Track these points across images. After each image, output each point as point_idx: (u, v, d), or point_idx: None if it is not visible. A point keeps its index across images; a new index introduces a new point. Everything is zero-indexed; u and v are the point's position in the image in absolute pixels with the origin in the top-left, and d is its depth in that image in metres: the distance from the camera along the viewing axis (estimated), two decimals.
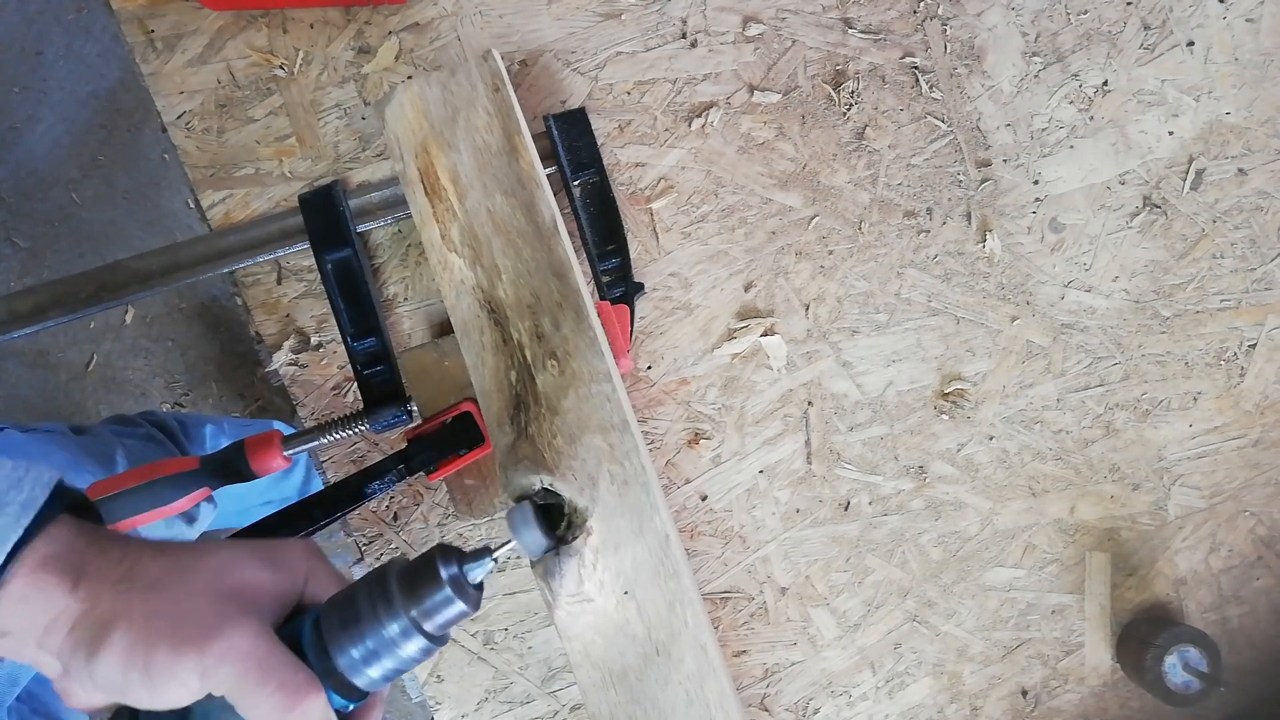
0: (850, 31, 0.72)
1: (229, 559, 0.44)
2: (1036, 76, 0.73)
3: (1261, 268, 0.74)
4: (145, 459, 0.97)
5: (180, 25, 0.68)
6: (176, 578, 0.42)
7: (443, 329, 0.69)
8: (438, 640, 0.45)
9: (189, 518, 0.94)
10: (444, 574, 0.45)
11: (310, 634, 0.43)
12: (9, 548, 0.39)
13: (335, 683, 0.42)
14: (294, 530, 0.60)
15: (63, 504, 0.43)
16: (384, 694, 0.48)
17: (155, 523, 0.61)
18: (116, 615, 0.40)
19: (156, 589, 0.41)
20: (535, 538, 0.53)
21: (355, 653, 0.43)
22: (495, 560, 0.48)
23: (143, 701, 0.39)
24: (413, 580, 0.45)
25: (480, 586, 0.48)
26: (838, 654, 0.71)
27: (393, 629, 0.43)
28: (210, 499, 1.01)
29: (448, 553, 0.46)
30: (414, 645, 0.44)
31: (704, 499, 0.71)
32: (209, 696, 0.40)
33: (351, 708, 0.44)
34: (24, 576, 0.40)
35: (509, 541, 0.52)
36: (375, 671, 0.43)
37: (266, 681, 0.39)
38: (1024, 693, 0.73)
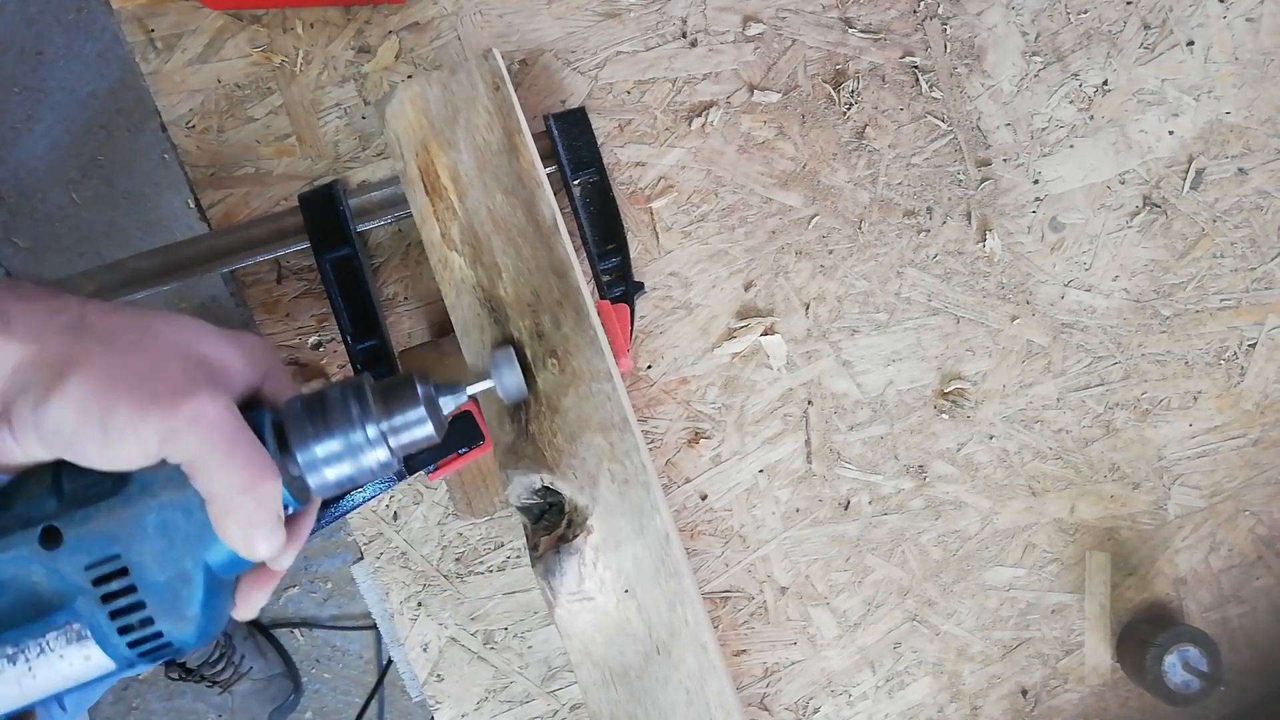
0: (850, 31, 0.72)
1: (195, 329, 0.41)
2: (1036, 76, 0.73)
3: (1262, 267, 0.74)
4: None
5: (180, 25, 0.68)
6: (139, 335, 0.39)
7: (443, 328, 0.69)
8: (396, 459, 0.44)
9: None
10: (420, 392, 0.45)
11: (269, 430, 0.41)
12: None
13: (287, 480, 0.41)
14: None
15: None
16: (316, 506, 0.46)
17: None
18: (73, 361, 0.36)
19: (116, 341, 0.38)
20: (515, 379, 0.52)
21: (319, 450, 0.42)
22: (467, 394, 0.48)
23: (89, 458, 0.37)
24: (388, 393, 0.45)
25: (448, 422, 0.47)
26: (838, 653, 0.71)
27: (360, 435, 0.42)
28: None
29: (424, 378, 0.46)
30: (376, 455, 0.43)
31: (704, 498, 0.71)
32: (160, 464, 0.38)
33: (292, 510, 0.43)
34: None
35: (486, 379, 0.51)
36: (331, 474, 0.42)
37: (232, 455, 0.38)
38: (1024, 692, 0.73)
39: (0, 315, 0.36)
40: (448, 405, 0.48)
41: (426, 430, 0.45)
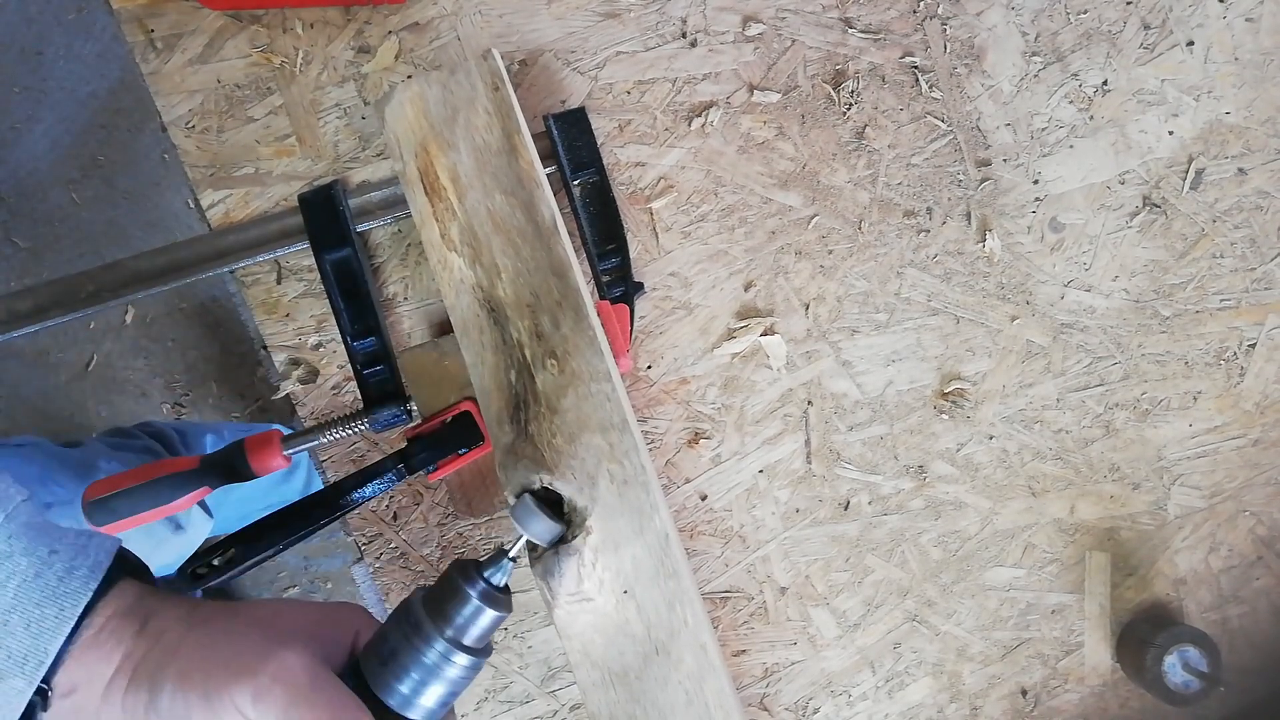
0: (850, 31, 0.72)
1: (283, 603, 0.46)
2: (1036, 76, 0.73)
3: (1261, 267, 0.74)
4: None
5: (180, 25, 0.68)
6: (231, 613, 0.44)
7: (442, 328, 0.69)
8: (481, 653, 0.45)
9: (175, 524, 0.93)
10: (467, 587, 0.46)
11: (351, 682, 0.43)
12: (84, 603, 0.41)
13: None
14: (293, 530, 0.60)
15: (124, 568, 0.45)
16: None
17: (134, 529, 0.61)
18: (175, 650, 0.41)
19: (210, 623, 0.43)
20: (544, 526, 0.54)
21: (403, 688, 0.43)
22: (513, 559, 0.49)
23: None
24: (438, 601, 0.46)
25: (506, 588, 0.48)
26: (837, 654, 0.71)
27: (432, 654, 0.44)
28: (206, 510, 1.00)
29: (465, 567, 0.47)
30: (458, 664, 0.44)
31: (704, 498, 0.71)
32: None
33: None
34: (97, 627, 0.42)
35: (520, 537, 0.52)
36: (428, 700, 0.44)
37: (316, 705, 0.40)
38: (1024, 692, 0.73)
39: (145, 614, 0.43)
40: (499, 578, 0.49)
41: (490, 616, 0.46)
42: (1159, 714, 0.73)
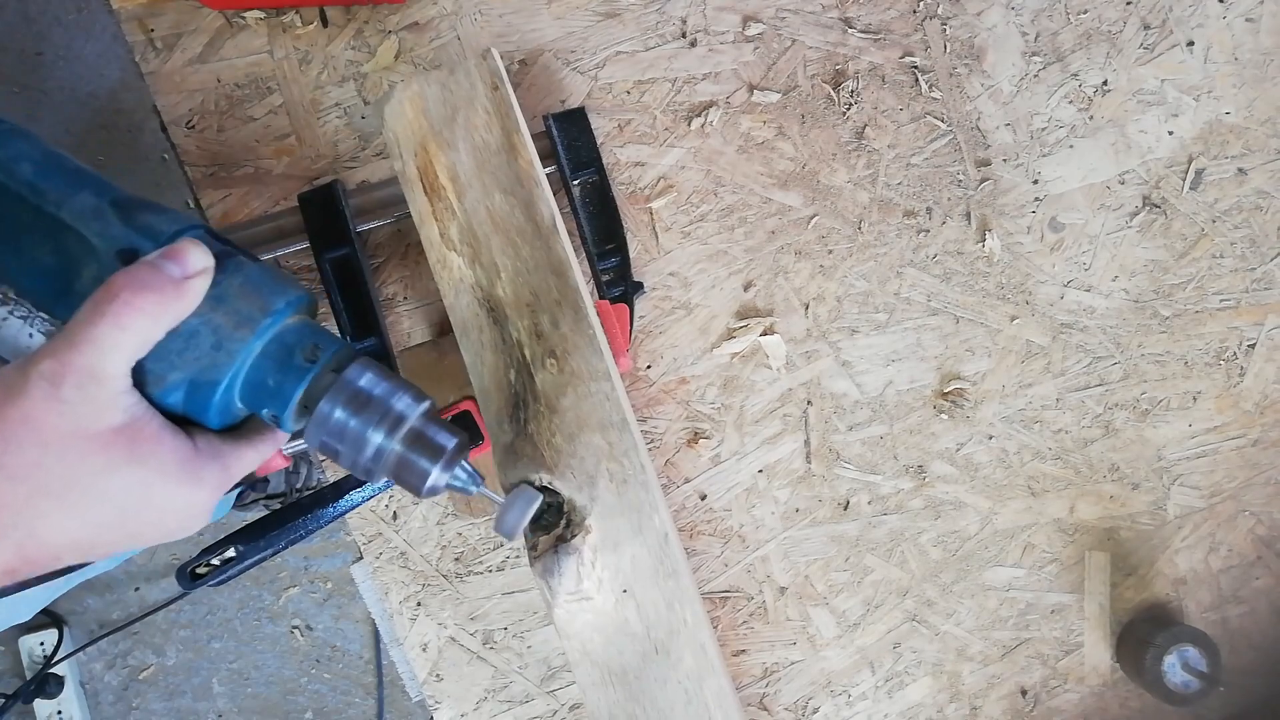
0: (850, 31, 0.72)
1: None
2: (1036, 76, 0.73)
3: (1261, 267, 0.74)
4: None
5: (180, 25, 0.68)
6: None
7: (442, 328, 0.69)
8: (379, 475, 0.44)
9: None
10: (450, 446, 0.45)
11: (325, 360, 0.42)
12: None
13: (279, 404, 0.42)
14: (293, 530, 0.60)
15: None
16: (277, 439, 0.46)
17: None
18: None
19: None
20: (518, 521, 0.52)
21: (338, 415, 0.42)
22: (480, 490, 0.48)
23: None
24: (429, 429, 0.45)
25: (437, 489, 0.47)
26: (837, 653, 0.71)
27: (379, 437, 0.43)
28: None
29: (464, 445, 0.46)
30: (367, 453, 0.43)
31: (703, 498, 0.71)
32: None
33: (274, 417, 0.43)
34: None
35: (499, 497, 0.51)
36: (324, 437, 0.43)
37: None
38: (1023, 692, 0.73)
39: None
40: (459, 479, 0.48)
41: (424, 484, 0.45)
42: (1159, 714, 0.73)
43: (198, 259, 0.39)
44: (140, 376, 0.40)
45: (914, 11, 0.72)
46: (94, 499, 0.38)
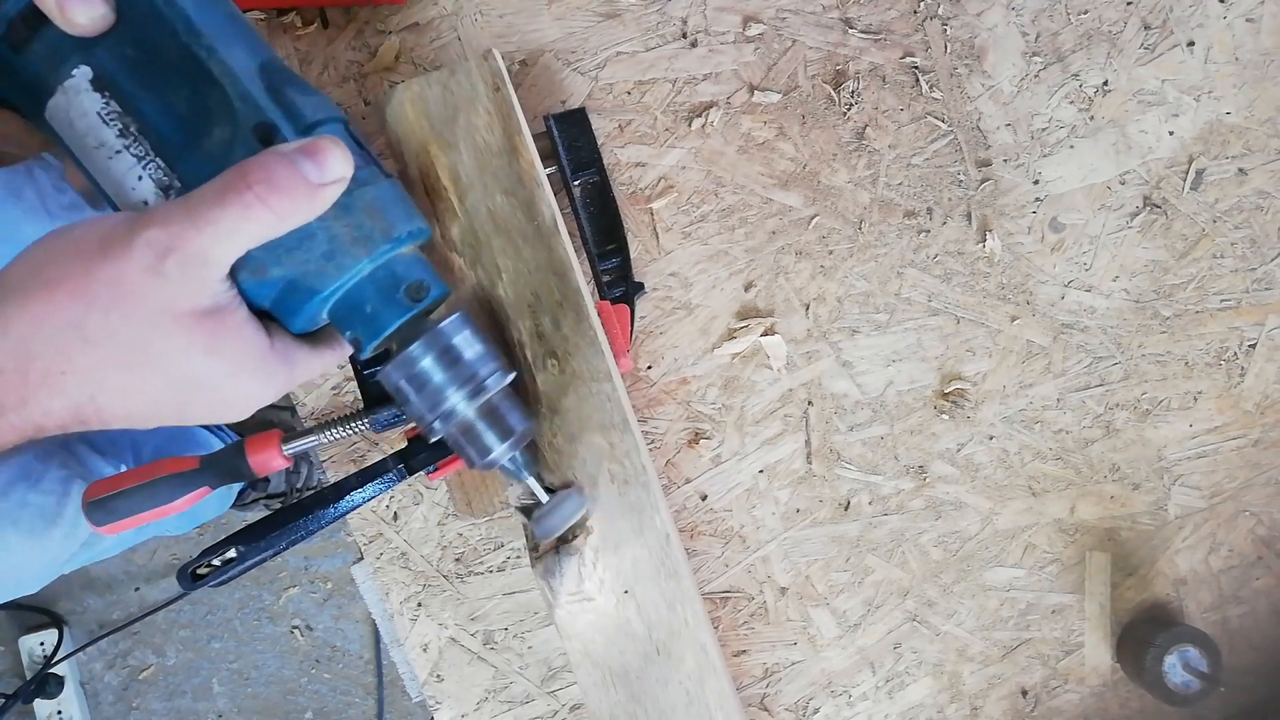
0: (850, 31, 0.72)
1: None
2: (1037, 76, 0.73)
3: (1262, 267, 0.74)
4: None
5: None
6: None
7: None
8: (445, 431, 0.44)
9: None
10: (521, 429, 0.46)
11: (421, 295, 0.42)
12: None
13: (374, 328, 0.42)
14: (294, 530, 0.60)
15: None
16: (341, 350, 0.46)
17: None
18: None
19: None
20: (562, 523, 0.53)
21: (425, 364, 0.42)
22: (525, 475, 0.49)
23: None
24: (510, 404, 0.46)
25: (491, 465, 0.47)
26: (837, 654, 0.71)
27: (458, 395, 0.43)
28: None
29: (530, 428, 0.47)
30: (441, 410, 0.44)
31: (704, 499, 0.71)
32: None
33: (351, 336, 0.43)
34: None
35: (546, 494, 0.51)
36: (402, 380, 0.43)
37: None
38: (1024, 692, 0.73)
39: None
40: (514, 463, 0.48)
41: (482, 457, 0.45)
42: (1159, 714, 0.73)
43: (337, 165, 0.37)
44: (242, 261, 0.38)
45: (914, 12, 0.72)
46: (163, 378, 0.37)
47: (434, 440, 0.54)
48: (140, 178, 0.40)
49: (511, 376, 0.46)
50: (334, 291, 0.40)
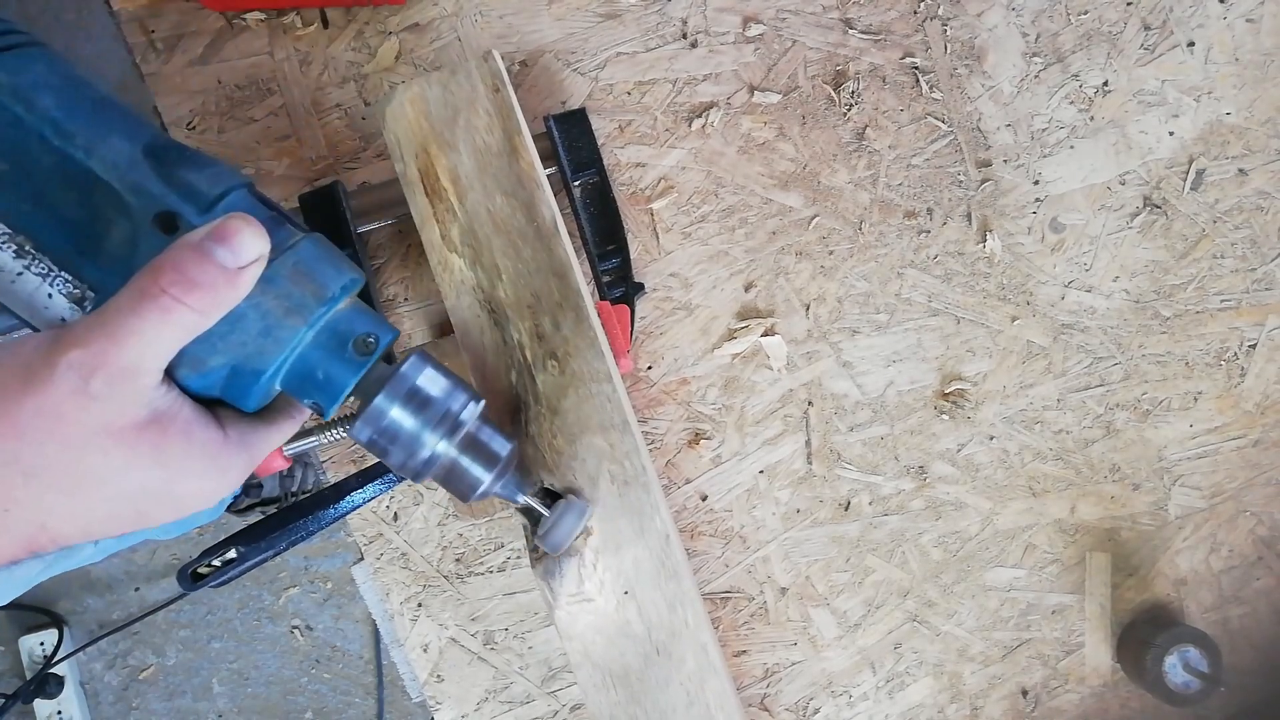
0: (850, 32, 0.72)
1: None
2: (1037, 77, 0.73)
3: (1262, 268, 0.74)
4: None
5: (181, 26, 0.68)
6: None
7: (443, 329, 0.69)
8: (425, 473, 0.42)
9: None
10: (505, 454, 0.44)
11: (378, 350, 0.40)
12: None
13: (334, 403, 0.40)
14: (294, 531, 0.60)
15: None
16: (300, 415, 0.44)
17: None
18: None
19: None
20: (569, 535, 0.52)
21: (395, 414, 0.40)
22: (520, 495, 0.47)
23: None
24: (484, 435, 0.44)
25: (485, 495, 0.46)
26: (838, 654, 0.71)
27: (434, 437, 0.41)
28: None
29: (514, 455, 0.45)
30: (420, 456, 0.41)
31: (704, 499, 0.71)
32: None
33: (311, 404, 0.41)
34: None
35: (545, 515, 0.51)
36: (373, 434, 0.41)
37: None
38: (1024, 693, 0.73)
39: None
40: (508, 488, 0.46)
41: (474, 490, 0.43)
42: (1159, 714, 0.73)
43: (253, 244, 0.35)
44: (177, 359, 0.36)
45: (914, 12, 0.72)
46: (114, 494, 0.36)
47: (380, 485, 0.53)
48: (50, 295, 0.38)
49: (483, 404, 0.44)
50: (279, 366, 0.39)
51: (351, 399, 0.41)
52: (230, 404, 0.40)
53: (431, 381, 0.42)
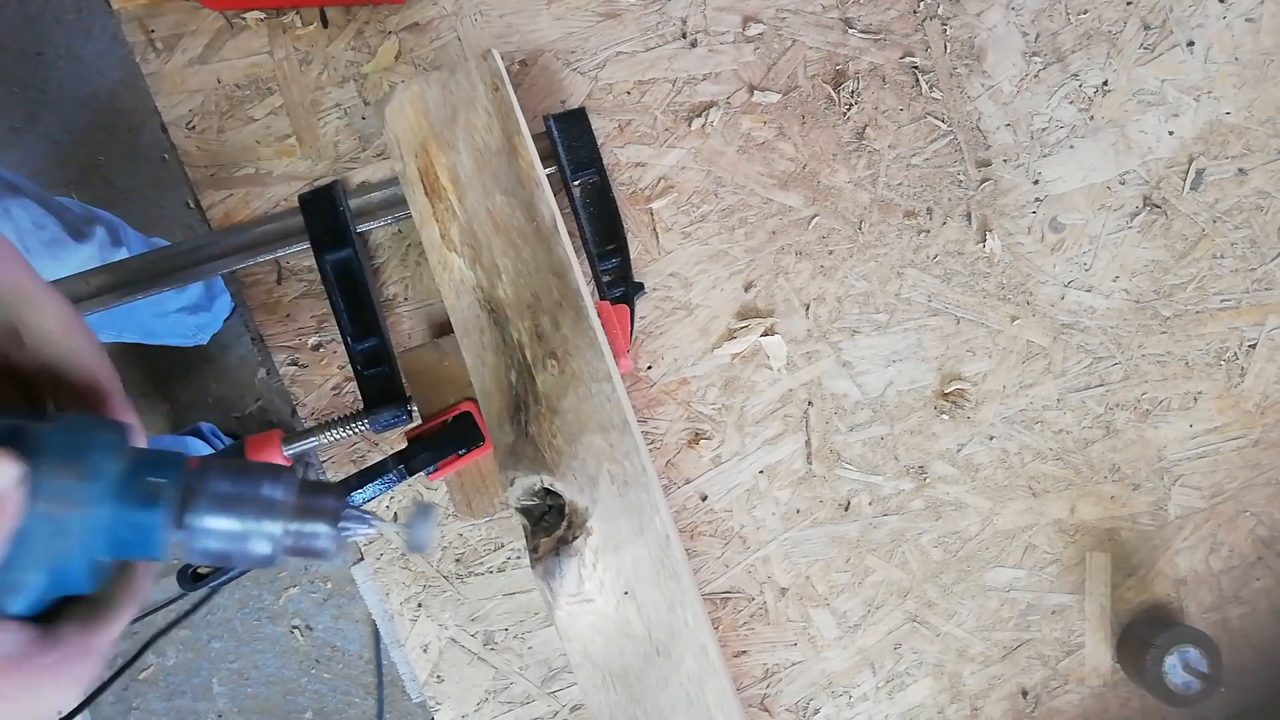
0: (850, 31, 0.72)
1: None
2: (1036, 76, 0.73)
3: (1262, 268, 0.74)
4: None
5: (180, 25, 0.68)
6: None
7: (443, 329, 0.69)
8: (275, 555, 0.40)
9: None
10: (336, 509, 0.42)
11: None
12: None
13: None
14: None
15: None
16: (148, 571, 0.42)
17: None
18: None
19: None
20: (427, 535, 0.51)
21: (210, 522, 0.38)
22: (372, 527, 0.46)
23: None
24: (310, 497, 0.41)
25: (338, 550, 0.45)
26: (838, 654, 0.71)
27: (267, 524, 0.39)
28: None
29: (343, 499, 0.44)
30: (259, 548, 0.40)
31: (704, 499, 0.71)
32: None
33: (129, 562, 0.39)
34: None
35: (400, 529, 0.49)
36: (208, 543, 0.39)
37: None
38: (1024, 693, 0.73)
39: None
40: (356, 529, 0.46)
41: (325, 546, 0.42)
42: (1159, 715, 0.73)
43: (5, 475, 0.34)
44: None
45: (914, 12, 0.72)
46: None
47: (380, 486, 0.52)
48: None
49: (296, 473, 0.44)
50: (87, 551, 0.38)
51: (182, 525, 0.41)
52: (69, 595, 0.39)
53: (233, 478, 0.40)
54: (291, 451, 0.63)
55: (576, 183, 0.68)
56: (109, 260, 0.99)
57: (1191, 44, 0.73)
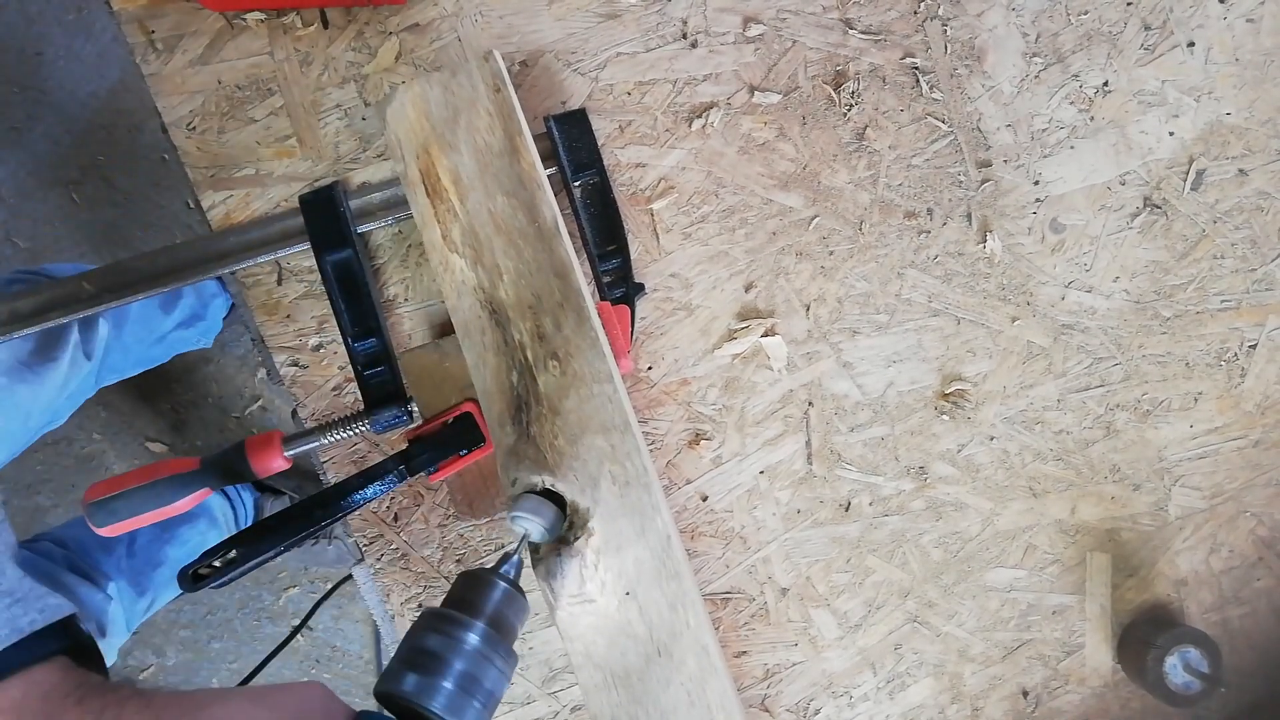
0: (850, 32, 0.72)
1: (237, 700, 0.40)
2: (1037, 77, 0.73)
3: (1262, 268, 0.74)
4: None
5: (181, 26, 0.68)
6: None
7: (444, 330, 0.69)
8: (512, 651, 0.44)
9: (50, 357, 0.88)
10: (492, 578, 0.45)
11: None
12: None
13: None
14: (294, 531, 0.60)
15: (61, 642, 0.41)
16: None
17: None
18: None
19: None
20: (548, 517, 0.53)
21: (448, 684, 0.41)
22: (520, 556, 0.48)
23: None
24: (463, 600, 0.45)
25: (521, 588, 0.47)
26: (838, 655, 0.71)
27: (473, 639, 0.42)
28: (84, 354, 0.98)
29: (477, 571, 0.47)
30: (498, 654, 0.43)
31: (705, 500, 0.71)
32: None
33: None
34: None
35: (523, 535, 0.51)
36: (473, 695, 0.42)
37: None
38: (1025, 693, 0.73)
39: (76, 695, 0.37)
40: (512, 570, 0.48)
41: (519, 601, 0.46)
42: (1160, 715, 0.73)
43: None
44: None
45: (915, 13, 0.72)
46: None
47: (379, 486, 0.56)
48: None
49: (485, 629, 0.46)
50: None
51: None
52: None
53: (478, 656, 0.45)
54: (292, 452, 0.63)
55: (577, 183, 0.68)
56: (78, 374, 0.97)
57: (1192, 45, 0.73)
